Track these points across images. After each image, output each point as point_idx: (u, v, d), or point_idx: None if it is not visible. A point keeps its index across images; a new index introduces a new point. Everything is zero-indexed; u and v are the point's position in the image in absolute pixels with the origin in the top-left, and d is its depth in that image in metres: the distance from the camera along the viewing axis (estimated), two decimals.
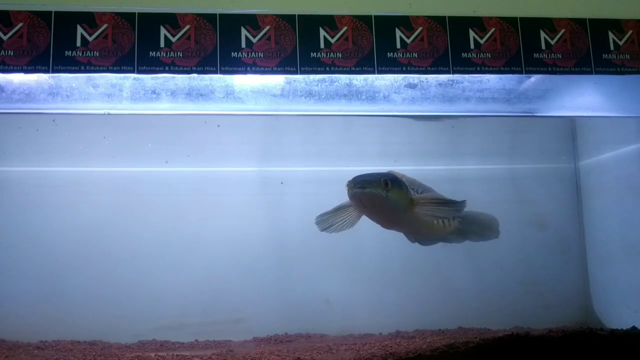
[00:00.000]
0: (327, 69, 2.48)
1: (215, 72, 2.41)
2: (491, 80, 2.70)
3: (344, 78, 2.54)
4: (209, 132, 3.12)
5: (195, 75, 2.42)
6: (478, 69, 2.61)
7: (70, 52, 2.39)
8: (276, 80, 2.49)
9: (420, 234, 2.86)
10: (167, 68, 2.41)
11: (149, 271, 3.43)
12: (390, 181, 2.45)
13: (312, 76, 2.48)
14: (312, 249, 3.61)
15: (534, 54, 2.67)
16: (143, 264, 3.45)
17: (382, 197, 2.40)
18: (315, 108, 2.52)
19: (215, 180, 3.64)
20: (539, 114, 2.76)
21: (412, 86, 2.62)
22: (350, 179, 2.47)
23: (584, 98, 2.74)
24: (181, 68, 2.42)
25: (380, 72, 2.52)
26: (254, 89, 2.49)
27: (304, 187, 3.59)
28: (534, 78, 2.68)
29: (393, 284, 3.57)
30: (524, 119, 3.30)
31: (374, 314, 3.54)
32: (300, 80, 2.50)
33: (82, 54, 2.40)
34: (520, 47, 2.66)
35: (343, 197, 2.68)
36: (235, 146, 3.41)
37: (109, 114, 2.43)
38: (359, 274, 3.66)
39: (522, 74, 2.66)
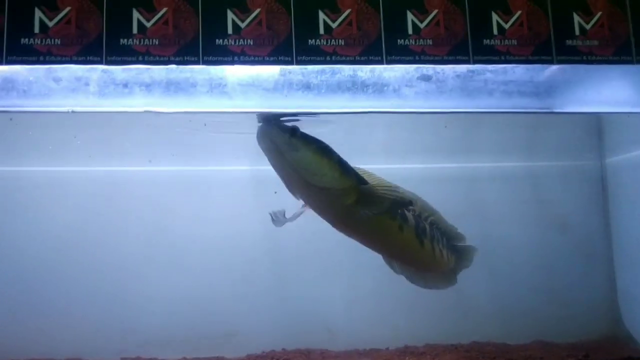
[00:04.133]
0: (328, 58, 2.17)
1: (197, 63, 2.08)
2: (517, 71, 2.32)
3: (347, 69, 2.17)
4: (195, 130, 2.74)
5: (173, 66, 2.06)
6: (502, 58, 2.26)
7: (27, 40, 2.06)
8: (269, 72, 2.12)
9: (401, 255, 2.49)
10: (140, 58, 2.08)
11: (132, 281, 3.20)
12: (303, 134, 2.19)
13: (310, 67, 2.12)
14: (312, 256, 3.39)
15: (567, 41, 2.31)
16: (125, 273, 3.22)
17: (281, 141, 2.14)
18: (314, 104, 2.16)
19: (205, 180, 3.39)
20: (571, 110, 2.38)
21: (426, 78, 2.27)
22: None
23: (621, 91, 2.37)
24: (157, 58, 2.10)
25: (389, 62, 2.19)
26: (242, 82, 2.14)
27: None
28: (563, 68, 2.30)
29: (401, 294, 3.18)
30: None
31: (380, 326, 3.32)
32: (297, 71, 2.15)
33: (41, 42, 2.07)
34: (551, 33, 2.29)
35: None
36: (226, 145, 3.04)
37: (73, 111, 2.06)
38: (364, 282, 3.41)
39: (553, 63, 2.30)
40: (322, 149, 2.19)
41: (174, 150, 3.19)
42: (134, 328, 3.15)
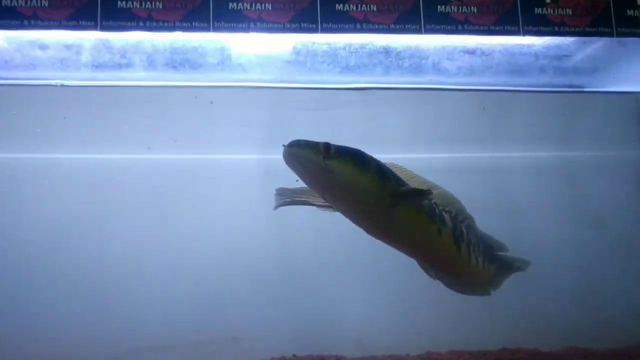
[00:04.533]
0: (358, 26, 1.89)
1: (207, 30, 1.80)
2: (572, 45, 2.03)
3: (379, 39, 1.86)
4: (200, 110, 2.43)
5: (179, 33, 1.74)
6: (556, 29, 1.96)
7: (9, 1, 1.73)
8: (289, 42, 1.82)
9: (437, 260, 2.30)
10: (141, 23, 1.78)
11: (129, 281, 2.95)
12: (337, 148, 1.92)
13: (337, 37, 1.80)
14: (326, 254, 3.12)
15: (627, 11, 2.02)
16: (122, 272, 2.96)
17: (316, 164, 1.88)
18: (341, 79, 1.85)
19: (210, 170, 3.06)
20: None
21: (470, 51, 1.95)
22: None
23: None
24: (161, 24, 1.81)
25: (428, 31, 1.92)
26: (258, 54, 1.82)
27: None
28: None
29: (422, 296, 3.03)
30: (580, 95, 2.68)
31: (400, 330, 3.10)
32: (322, 42, 1.83)
33: (26, 3, 1.73)
34: (610, 2, 2.00)
35: None
36: (235, 128, 2.73)
37: (62, 85, 1.75)
38: (382, 283, 3.15)
39: (613, 36, 2.00)
40: (360, 164, 1.97)
41: (176, 134, 2.84)
42: (131, 332, 2.91)
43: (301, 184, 2.09)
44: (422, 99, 2.58)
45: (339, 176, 1.89)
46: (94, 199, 2.98)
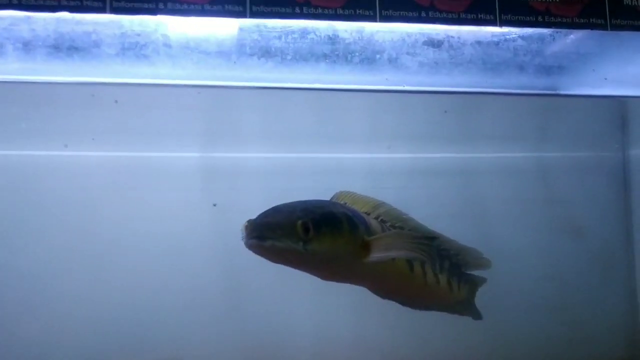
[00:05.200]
0: (298, 10, 1.50)
1: (102, 11, 1.35)
2: (557, 37, 1.67)
3: (324, 27, 1.48)
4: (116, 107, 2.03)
5: (66, 14, 1.39)
6: (539, 19, 1.61)
7: None
8: (210, 29, 1.42)
9: (405, 294, 2.18)
10: (16, 0, 1.34)
11: (42, 294, 2.59)
12: (314, 223, 1.72)
13: (271, 23, 1.40)
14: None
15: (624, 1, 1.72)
16: (34, 284, 2.60)
17: (296, 252, 1.68)
18: (276, 77, 1.48)
19: (139, 169, 2.75)
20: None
21: (435, 44, 1.58)
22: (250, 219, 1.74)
23: None
24: (43, 1, 1.35)
25: (384, 18, 1.54)
26: (169, 42, 1.42)
27: (264, 180, 2.81)
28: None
29: (378, 310, 2.54)
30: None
31: (356, 346, 2.88)
32: (252, 28, 1.44)
33: None
34: None
35: (317, 193, 2.02)
36: (161, 126, 2.34)
37: None
38: (340, 294, 2.69)
39: (607, 29, 1.66)
40: (337, 230, 1.81)
41: (93, 132, 2.43)
42: (43, 354, 2.58)
43: None
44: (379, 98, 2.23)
45: (320, 254, 1.72)
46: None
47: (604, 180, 3.16)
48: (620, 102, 3.09)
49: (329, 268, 1.88)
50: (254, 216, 1.80)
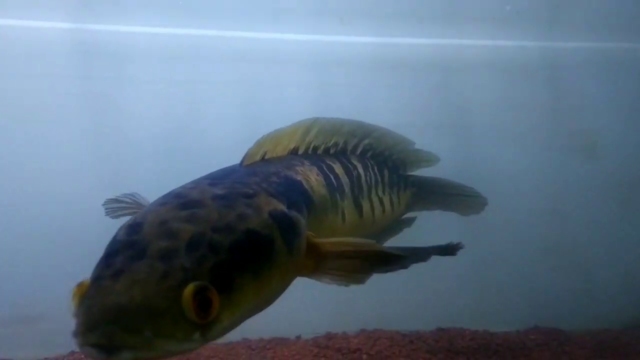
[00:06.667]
0: None
1: None
2: None
3: None
4: None
5: None
6: None
7: None
8: None
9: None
10: None
11: None
12: (220, 281, 1.03)
13: None
14: None
15: None
16: None
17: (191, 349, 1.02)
18: None
19: None
20: None
21: None
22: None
23: None
24: None
25: None
26: None
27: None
28: None
29: None
30: None
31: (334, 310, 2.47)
32: None
33: None
34: None
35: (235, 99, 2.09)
36: None
37: None
38: None
39: None
40: (266, 264, 1.16)
41: None
42: None
43: None
44: None
45: (235, 321, 1.10)
46: None
47: (629, 80, 2.51)
48: None
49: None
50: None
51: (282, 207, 1.26)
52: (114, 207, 1.74)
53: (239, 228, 1.10)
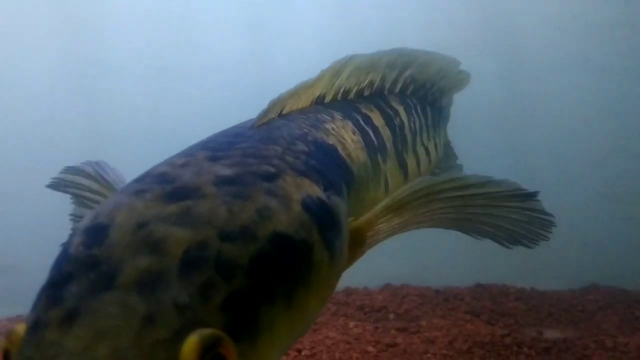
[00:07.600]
0: None
1: None
2: None
3: None
4: None
5: None
6: None
7: None
8: None
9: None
10: None
11: None
12: (235, 324, 0.64)
13: None
14: None
15: None
16: None
17: None
18: None
19: None
20: None
21: None
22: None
23: None
24: None
25: None
26: None
27: None
28: None
29: None
30: None
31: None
32: None
33: None
34: None
35: None
36: None
37: None
38: None
39: None
40: (299, 287, 0.80)
41: None
42: None
43: None
44: None
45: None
46: None
47: None
48: None
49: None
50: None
51: (318, 191, 0.90)
52: (66, 187, 1.34)
53: (261, 232, 0.74)
